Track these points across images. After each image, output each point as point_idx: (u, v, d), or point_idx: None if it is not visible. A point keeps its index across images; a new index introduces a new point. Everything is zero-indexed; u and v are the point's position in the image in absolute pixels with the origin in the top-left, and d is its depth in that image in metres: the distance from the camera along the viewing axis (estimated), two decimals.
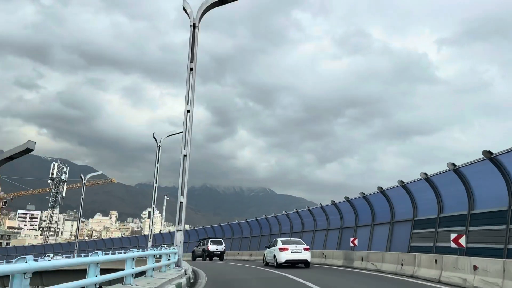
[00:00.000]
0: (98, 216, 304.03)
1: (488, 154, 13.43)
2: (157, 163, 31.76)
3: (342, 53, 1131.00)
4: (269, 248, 22.44)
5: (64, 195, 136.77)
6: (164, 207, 69.34)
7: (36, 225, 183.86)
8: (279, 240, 21.49)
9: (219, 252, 33.38)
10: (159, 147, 30.71)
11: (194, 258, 35.74)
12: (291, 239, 22.53)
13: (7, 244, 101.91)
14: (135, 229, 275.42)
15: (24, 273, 4.23)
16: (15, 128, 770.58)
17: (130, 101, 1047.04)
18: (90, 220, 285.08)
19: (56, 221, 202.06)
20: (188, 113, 15.20)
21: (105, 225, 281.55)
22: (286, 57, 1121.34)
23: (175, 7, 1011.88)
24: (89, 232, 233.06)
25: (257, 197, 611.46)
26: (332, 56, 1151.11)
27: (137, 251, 9.22)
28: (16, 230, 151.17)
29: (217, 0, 15.49)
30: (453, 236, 13.48)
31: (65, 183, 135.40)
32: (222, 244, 34.02)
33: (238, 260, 31.41)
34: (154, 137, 31.02)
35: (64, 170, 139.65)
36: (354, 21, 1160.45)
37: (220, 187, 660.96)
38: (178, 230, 14.79)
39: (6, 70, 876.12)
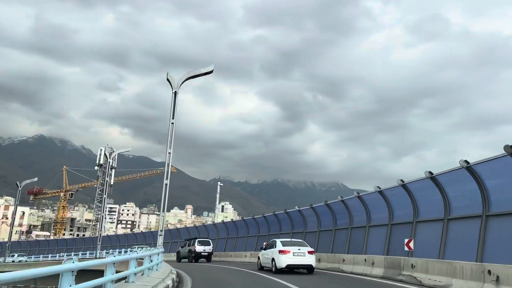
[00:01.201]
0: (174, 210, 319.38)
1: None
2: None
3: (416, 40, 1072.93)
4: (265, 250, 19.95)
5: (112, 182, 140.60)
6: (217, 195, 70.41)
7: (114, 218, 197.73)
8: (278, 241, 19.01)
9: (206, 253, 31.71)
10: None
11: (179, 259, 34.05)
12: (293, 240, 20.20)
13: (83, 235, 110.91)
14: (209, 222, 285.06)
15: None
16: (101, 128, 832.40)
17: (202, 100, 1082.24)
18: (167, 213, 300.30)
19: (133, 214, 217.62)
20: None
21: (181, 218, 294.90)
22: (356, 48, 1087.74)
23: (242, 5, 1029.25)
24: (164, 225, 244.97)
25: (329, 192, 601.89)
26: (405, 44, 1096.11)
27: (119, 254, 8.63)
28: (94, 223, 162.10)
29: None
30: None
31: (114, 170, 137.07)
32: (210, 245, 32.36)
33: (230, 263, 29.19)
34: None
35: (113, 155, 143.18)
36: (429, 6, 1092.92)
37: (291, 181, 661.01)
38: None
39: (91, 75, 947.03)
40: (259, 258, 20.73)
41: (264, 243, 22.78)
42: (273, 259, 18.31)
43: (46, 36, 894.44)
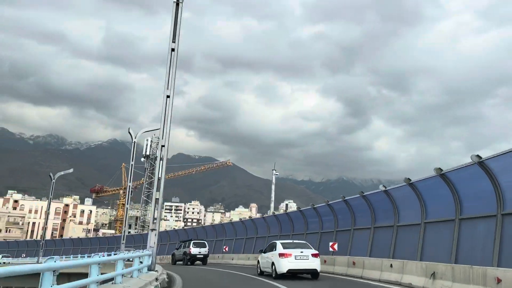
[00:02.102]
0: (239, 208, 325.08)
1: None
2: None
3: (488, 26, 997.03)
4: (264, 253, 18.30)
5: (161, 175, 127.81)
6: (272, 190, 70.49)
7: (180, 216, 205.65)
8: (279, 242, 17.36)
9: (202, 256, 30.98)
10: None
11: (174, 261, 33.28)
12: (295, 241, 18.38)
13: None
14: None
15: None
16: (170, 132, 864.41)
17: (264, 99, 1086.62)
18: (232, 212, 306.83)
19: (198, 212, 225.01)
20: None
21: (245, 216, 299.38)
22: (421, 38, 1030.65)
23: (300, 3, 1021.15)
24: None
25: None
26: (476, 30, 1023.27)
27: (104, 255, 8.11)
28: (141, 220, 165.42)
29: None
30: None
31: (162, 161, 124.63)
32: (205, 247, 31.47)
33: (226, 266, 27.65)
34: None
35: (138, 134, 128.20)
36: None
37: (357, 179, 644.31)
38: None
39: (157, 81, 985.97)
40: (258, 262, 19.15)
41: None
42: (273, 263, 16.73)
43: (115, 45, 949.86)
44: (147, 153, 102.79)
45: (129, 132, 27.77)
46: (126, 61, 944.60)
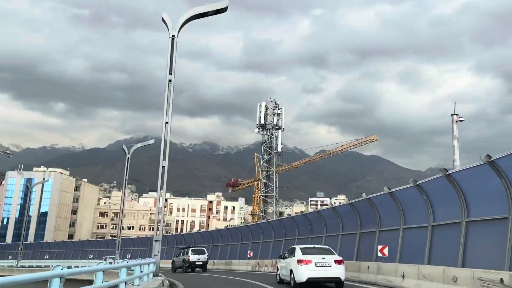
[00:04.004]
0: None
1: None
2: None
3: None
4: (283, 258, 16.84)
5: (280, 149, 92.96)
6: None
7: None
8: (297, 248, 15.74)
9: (201, 263, 30.58)
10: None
11: (174, 269, 33.01)
12: (316, 246, 16.73)
13: None
14: None
15: None
16: (310, 129, 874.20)
17: (406, 86, 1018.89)
18: None
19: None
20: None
21: None
22: None
23: None
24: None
25: None
26: None
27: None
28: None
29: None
30: None
31: (280, 131, 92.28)
32: (204, 253, 31.12)
33: (236, 273, 25.77)
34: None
35: (277, 111, 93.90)
36: None
37: None
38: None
39: (295, 81, 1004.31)
40: (277, 269, 17.70)
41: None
42: (291, 271, 15.20)
43: (254, 53, 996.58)
44: (262, 121, 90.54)
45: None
46: (265, 66, 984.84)
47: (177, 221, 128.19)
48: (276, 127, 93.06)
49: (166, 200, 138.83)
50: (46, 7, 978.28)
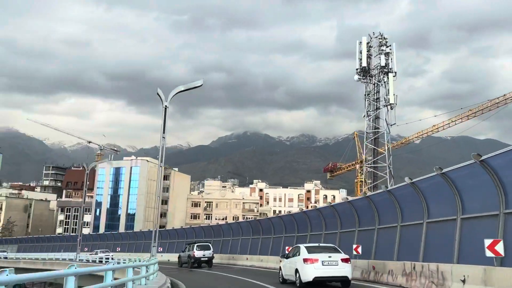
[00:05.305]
0: None
1: None
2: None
3: None
4: (287, 258, 16.28)
5: (393, 100, 64.31)
6: None
7: None
8: (302, 246, 15.38)
9: (206, 259, 30.65)
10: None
11: (180, 264, 33.03)
12: (321, 244, 16.48)
13: None
14: None
15: None
16: (413, 115, 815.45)
17: None
18: None
19: None
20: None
21: None
22: None
23: None
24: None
25: None
26: None
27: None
28: None
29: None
30: None
31: (391, 75, 65.21)
32: (210, 249, 31.05)
33: (247, 271, 24.94)
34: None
35: (385, 48, 66.68)
36: None
37: None
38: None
39: (396, 65, 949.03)
40: (280, 268, 17.06)
41: (287, 248, 18.98)
42: (296, 270, 14.88)
43: (348, 41, 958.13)
44: (363, 64, 65.13)
45: None
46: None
47: (274, 211, 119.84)
48: (385, 69, 65.69)
49: (261, 190, 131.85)
50: (150, 17, 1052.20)
